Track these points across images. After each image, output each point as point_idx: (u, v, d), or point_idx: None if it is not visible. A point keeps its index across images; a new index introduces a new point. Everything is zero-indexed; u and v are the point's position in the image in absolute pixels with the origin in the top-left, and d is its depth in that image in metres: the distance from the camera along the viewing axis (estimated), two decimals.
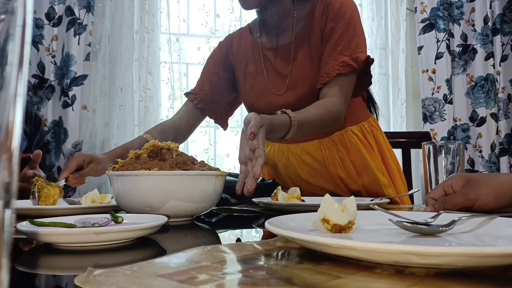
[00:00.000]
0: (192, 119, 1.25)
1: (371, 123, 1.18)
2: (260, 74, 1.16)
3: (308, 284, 0.29)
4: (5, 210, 0.20)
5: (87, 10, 2.01)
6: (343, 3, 1.06)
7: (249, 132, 0.72)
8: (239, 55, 1.22)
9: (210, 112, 1.26)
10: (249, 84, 1.19)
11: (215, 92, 1.24)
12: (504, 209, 0.63)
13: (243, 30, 1.26)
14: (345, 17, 1.04)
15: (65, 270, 0.39)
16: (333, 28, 1.05)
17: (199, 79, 1.27)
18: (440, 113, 2.41)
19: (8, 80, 0.20)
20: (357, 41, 1.03)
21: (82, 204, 0.79)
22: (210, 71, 1.26)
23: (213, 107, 1.25)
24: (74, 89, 1.98)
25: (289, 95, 1.11)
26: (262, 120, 0.76)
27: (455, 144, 0.84)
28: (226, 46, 1.26)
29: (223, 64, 1.25)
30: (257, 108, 1.18)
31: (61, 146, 1.96)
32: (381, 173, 1.13)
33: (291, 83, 1.11)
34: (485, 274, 0.32)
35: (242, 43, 1.22)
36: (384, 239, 0.45)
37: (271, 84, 1.15)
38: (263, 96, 1.16)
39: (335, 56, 1.02)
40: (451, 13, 2.48)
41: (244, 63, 1.20)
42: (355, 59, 1.01)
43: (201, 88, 1.24)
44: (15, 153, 0.21)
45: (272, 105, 1.14)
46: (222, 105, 1.27)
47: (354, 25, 1.04)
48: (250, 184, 0.70)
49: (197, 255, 0.38)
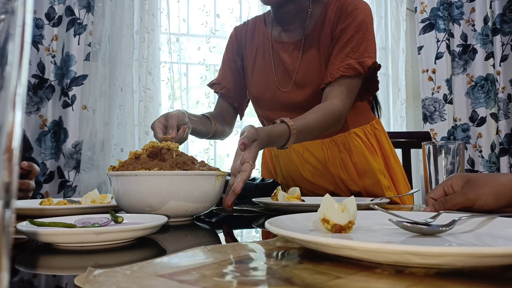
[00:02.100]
0: (227, 108, 1.23)
1: (374, 125, 1.18)
2: (268, 67, 1.16)
3: (308, 284, 0.29)
4: (5, 210, 0.20)
5: (87, 10, 2.01)
6: (357, 6, 1.05)
7: (241, 142, 0.73)
8: (251, 45, 1.21)
9: (233, 100, 1.24)
10: (256, 75, 1.18)
11: (236, 80, 1.23)
12: (504, 209, 0.63)
13: (257, 20, 1.24)
14: (357, 19, 1.03)
15: (65, 270, 0.39)
16: (343, 29, 1.04)
17: (221, 67, 1.26)
18: (440, 113, 2.41)
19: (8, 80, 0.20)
20: (365, 46, 1.02)
21: (82, 204, 0.79)
22: (230, 58, 1.25)
23: (234, 94, 1.24)
24: (74, 89, 1.98)
25: (296, 94, 1.11)
26: (257, 133, 0.76)
27: (455, 144, 0.84)
28: (240, 33, 1.25)
29: (238, 51, 1.24)
30: (262, 101, 1.18)
31: (61, 146, 1.96)
32: (382, 175, 1.12)
33: (297, 80, 1.11)
34: (485, 274, 0.32)
35: (256, 33, 1.21)
36: (384, 239, 0.45)
37: (278, 78, 1.14)
38: (268, 90, 1.15)
39: (341, 57, 1.02)
40: (451, 13, 2.48)
41: (254, 53, 1.20)
42: (361, 63, 1.00)
43: (223, 77, 1.23)
44: (15, 153, 0.21)
45: (277, 100, 1.14)
46: (242, 93, 1.26)
47: (365, 29, 1.03)
48: (229, 198, 0.70)
49: (197, 255, 0.38)
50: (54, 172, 1.97)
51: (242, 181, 0.70)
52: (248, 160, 0.73)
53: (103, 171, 1.94)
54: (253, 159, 0.74)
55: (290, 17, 1.12)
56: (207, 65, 2.19)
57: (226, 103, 1.23)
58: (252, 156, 0.74)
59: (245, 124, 2.17)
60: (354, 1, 1.07)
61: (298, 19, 1.12)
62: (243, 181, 0.70)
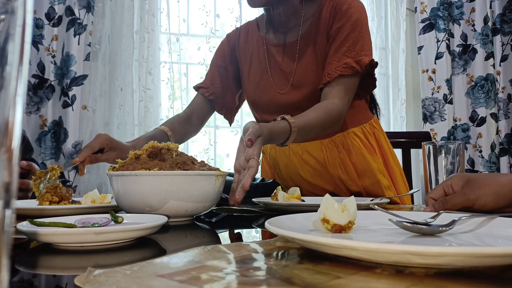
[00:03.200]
0: (203, 113, 1.24)
1: (372, 124, 1.18)
2: (264, 71, 1.16)
3: (308, 284, 0.29)
4: (5, 210, 0.20)
5: (87, 10, 2.01)
6: (351, 4, 1.05)
7: (247, 139, 0.73)
8: (245, 50, 1.22)
9: (220, 106, 1.25)
10: (253, 79, 1.18)
11: (225, 86, 1.24)
12: (504, 209, 0.63)
13: (250, 24, 1.25)
14: (352, 18, 1.03)
15: (65, 270, 0.39)
16: (339, 29, 1.04)
17: (208, 72, 1.26)
18: (440, 113, 2.41)
19: (8, 80, 0.20)
20: (362, 44, 1.02)
21: (82, 204, 0.79)
22: (219, 64, 1.25)
23: (223, 101, 1.25)
24: (74, 89, 1.98)
25: (293, 94, 1.11)
26: (260, 129, 0.76)
27: (455, 144, 0.84)
28: (234, 39, 1.25)
29: (230, 57, 1.24)
30: (260, 105, 1.18)
31: (61, 146, 1.96)
32: (382, 174, 1.12)
33: (295, 82, 1.11)
34: (485, 274, 0.32)
35: (249, 38, 1.22)
36: (384, 239, 0.45)
37: (274, 81, 1.14)
38: (266, 93, 1.15)
39: (338, 57, 1.02)
40: (451, 13, 2.48)
41: (249, 58, 1.20)
42: (359, 62, 1.01)
43: (211, 82, 1.23)
44: (15, 153, 0.21)
45: (275, 103, 1.14)
46: (231, 99, 1.27)
47: (360, 27, 1.03)
48: (238, 194, 0.70)
49: (197, 255, 0.38)
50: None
51: (250, 177, 0.70)
52: (254, 156, 0.73)
53: (103, 171, 1.94)
54: (258, 155, 0.74)
55: (283, 19, 1.12)
56: (207, 65, 2.17)
57: (206, 105, 1.23)
58: (258, 152, 0.74)
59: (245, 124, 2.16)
60: (348, 0, 1.07)
61: (292, 21, 1.12)
62: (251, 177, 0.70)
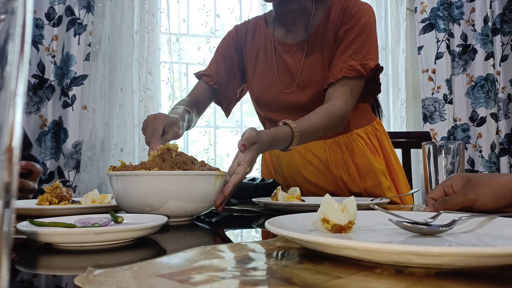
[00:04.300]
0: (205, 102, 1.20)
1: (375, 126, 1.18)
2: (270, 68, 1.15)
3: (308, 284, 0.29)
4: (5, 210, 0.20)
5: (87, 10, 2.01)
6: (360, 7, 1.05)
7: (241, 143, 0.73)
8: (251, 45, 1.20)
9: (222, 96, 1.22)
10: (258, 76, 1.17)
11: (229, 77, 1.21)
12: (504, 209, 0.63)
13: (258, 20, 1.23)
14: (360, 22, 1.04)
15: (65, 270, 0.39)
16: (347, 31, 1.04)
17: (213, 60, 1.22)
18: (440, 113, 2.41)
19: (8, 80, 0.20)
20: (368, 48, 1.03)
21: (82, 204, 0.79)
22: (226, 54, 1.22)
23: (226, 92, 1.22)
24: (74, 89, 1.98)
25: (298, 94, 1.11)
26: (257, 136, 0.76)
27: (455, 144, 0.84)
28: (241, 33, 1.23)
29: (237, 49, 1.22)
30: (264, 103, 1.18)
31: (61, 146, 1.96)
32: (384, 176, 1.13)
33: (300, 82, 1.10)
34: (485, 274, 0.32)
35: (257, 33, 1.20)
36: (384, 239, 0.45)
37: (280, 79, 1.14)
38: (271, 91, 1.15)
39: (344, 58, 1.02)
40: (451, 13, 2.48)
41: (255, 54, 1.19)
42: (364, 65, 1.01)
43: (216, 71, 1.20)
44: (15, 153, 0.21)
45: (280, 102, 1.13)
46: (233, 91, 1.24)
47: (368, 31, 1.04)
48: (218, 198, 0.70)
49: (197, 255, 0.38)
50: (54, 172, 1.97)
51: (232, 184, 0.70)
52: (243, 163, 0.73)
53: (103, 171, 1.94)
54: (249, 162, 0.74)
55: (292, 17, 1.12)
56: (207, 65, 2.18)
57: (209, 93, 1.19)
58: (248, 159, 0.74)
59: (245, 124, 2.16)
60: (358, 3, 1.07)
61: (301, 20, 1.12)
62: (233, 184, 0.71)
